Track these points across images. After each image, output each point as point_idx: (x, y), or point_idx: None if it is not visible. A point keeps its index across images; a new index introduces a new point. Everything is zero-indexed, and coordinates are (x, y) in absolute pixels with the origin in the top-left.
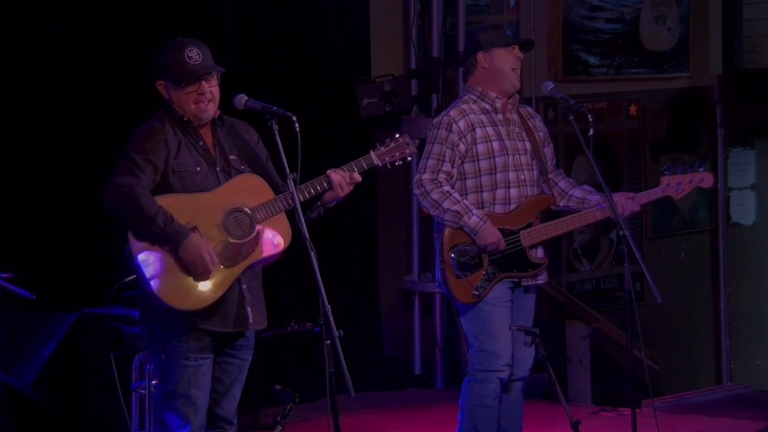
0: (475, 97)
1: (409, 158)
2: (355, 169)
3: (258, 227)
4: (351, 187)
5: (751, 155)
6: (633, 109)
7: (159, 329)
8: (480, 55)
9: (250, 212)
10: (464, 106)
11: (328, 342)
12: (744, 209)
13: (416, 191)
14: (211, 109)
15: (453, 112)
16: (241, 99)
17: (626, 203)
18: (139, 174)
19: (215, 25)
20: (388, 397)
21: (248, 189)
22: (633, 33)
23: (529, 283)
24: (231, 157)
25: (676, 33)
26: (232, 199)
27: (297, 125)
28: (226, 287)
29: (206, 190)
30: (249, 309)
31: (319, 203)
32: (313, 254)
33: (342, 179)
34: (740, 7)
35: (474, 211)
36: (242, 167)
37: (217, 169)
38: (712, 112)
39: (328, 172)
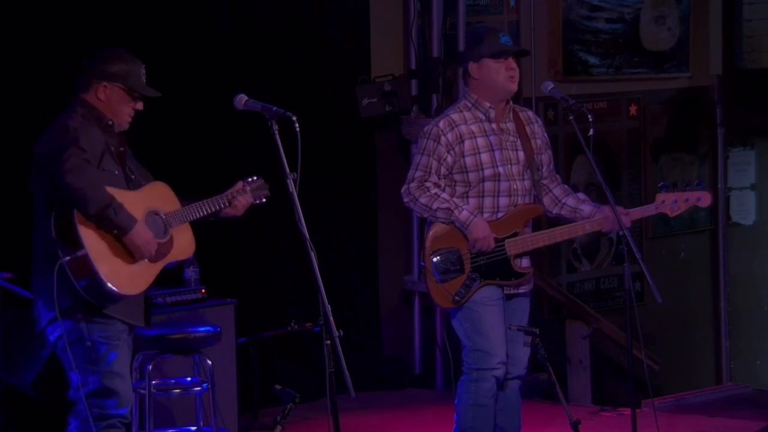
0: (470, 105)
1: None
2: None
3: (171, 231)
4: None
5: (751, 155)
6: (633, 109)
7: (81, 317)
8: (471, 65)
9: (164, 217)
10: (455, 116)
11: (328, 342)
12: (744, 209)
13: (405, 199)
14: None
15: (442, 123)
16: (241, 99)
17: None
18: (91, 162)
19: (213, 23)
20: (388, 397)
21: (161, 196)
22: (633, 33)
23: (511, 292)
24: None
25: (676, 33)
26: (149, 201)
27: (297, 125)
28: (151, 281)
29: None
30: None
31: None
32: (313, 254)
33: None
34: (740, 7)
35: (464, 206)
36: (133, 176)
37: (125, 173)
38: (712, 112)
39: (239, 197)
